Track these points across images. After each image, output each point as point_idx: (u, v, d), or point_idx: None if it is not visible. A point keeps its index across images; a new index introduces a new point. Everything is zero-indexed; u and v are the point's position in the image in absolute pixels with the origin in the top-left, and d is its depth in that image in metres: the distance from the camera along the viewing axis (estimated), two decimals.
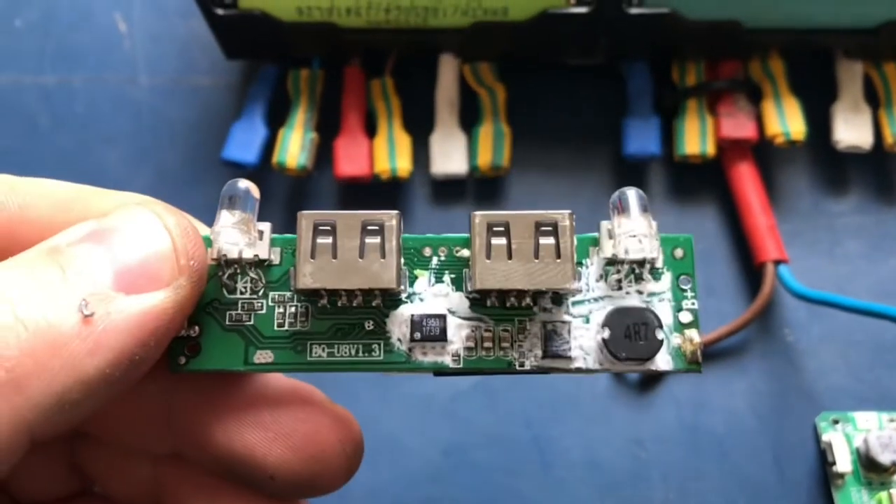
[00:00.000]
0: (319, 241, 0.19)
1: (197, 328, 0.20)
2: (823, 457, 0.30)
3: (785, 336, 0.32)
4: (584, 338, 0.19)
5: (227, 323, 0.20)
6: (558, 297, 0.19)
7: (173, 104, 0.38)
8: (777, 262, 0.32)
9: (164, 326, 0.18)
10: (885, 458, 0.28)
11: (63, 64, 0.39)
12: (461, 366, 0.19)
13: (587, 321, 0.19)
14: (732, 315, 0.32)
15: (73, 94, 0.38)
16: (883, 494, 0.28)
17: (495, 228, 0.19)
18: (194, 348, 0.20)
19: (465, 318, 0.19)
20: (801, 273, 0.32)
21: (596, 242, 0.19)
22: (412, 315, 0.19)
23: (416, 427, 0.31)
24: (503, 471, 0.31)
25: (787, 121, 0.33)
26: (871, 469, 0.29)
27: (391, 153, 0.34)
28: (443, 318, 0.19)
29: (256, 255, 0.19)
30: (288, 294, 0.19)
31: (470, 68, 0.35)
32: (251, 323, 0.19)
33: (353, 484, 0.30)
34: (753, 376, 0.31)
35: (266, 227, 0.19)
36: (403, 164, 0.34)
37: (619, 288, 0.19)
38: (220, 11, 0.33)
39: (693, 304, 0.19)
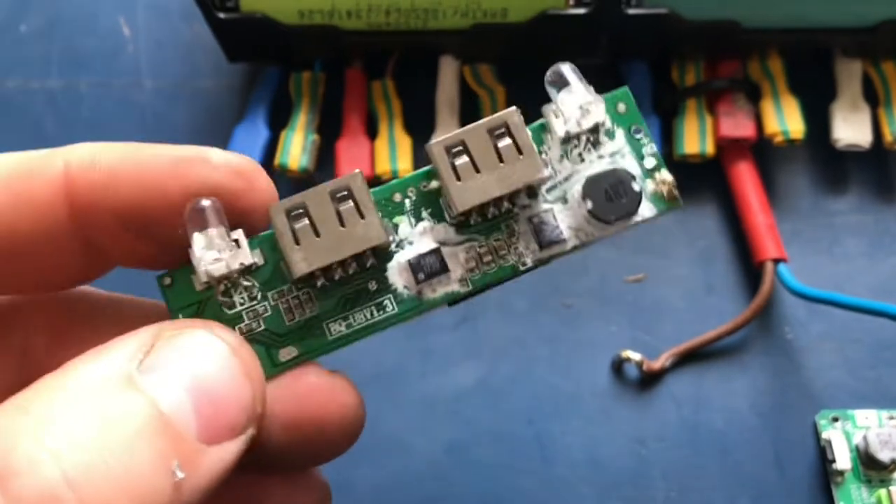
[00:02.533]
0: (297, 225, 0.19)
1: None
2: (823, 454, 0.30)
3: (785, 334, 0.32)
4: (570, 217, 0.19)
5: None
6: (533, 191, 0.19)
7: (177, 107, 0.38)
8: (776, 261, 0.32)
9: (231, 473, 0.17)
10: (884, 455, 0.28)
11: (68, 68, 0.39)
12: (471, 288, 0.19)
13: (565, 202, 0.19)
14: (732, 313, 0.32)
15: (79, 98, 0.38)
16: (882, 492, 0.28)
17: (454, 150, 0.19)
18: None
19: (456, 244, 0.19)
20: (801, 271, 0.32)
21: (545, 128, 0.20)
22: (408, 260, 0.19)
23: (418, 425, 0.32)
24: (505, 468, 0.31)
25: (785, 120, 0.33)
26: (870, 466, 0.29)
27: (392, 155, 0.34)
28: (437, 251, 0.19)
29: (242, 263, 0.19)
30: (285, 288, 0.19)
31: (470, 70, 0.35)
32: (262, 328, 0.19)
33: (356, 482, 0.31)
34: (753, 374, 0.32)
35: (239, 233, 0.19)
36: (404, 165, 0.34)
37: (582, 160, 0.20)
38: (221, 15, 0.33)
39: (652, 148, 0.20)
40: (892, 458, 0.28)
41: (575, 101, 0.19)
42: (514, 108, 0.19)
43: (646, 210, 0.19)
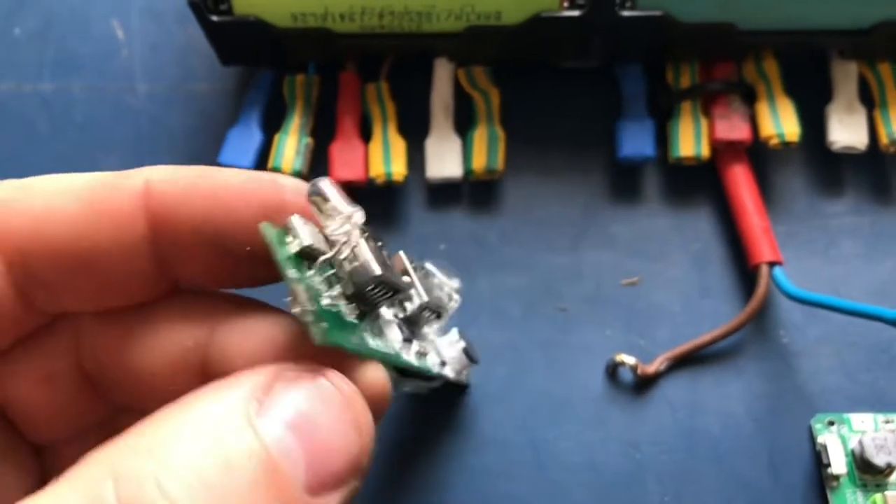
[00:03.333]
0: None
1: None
2: (818, 458, 0.29)
3: (780, 338, 0.32)
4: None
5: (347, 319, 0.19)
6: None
7: (171, 111, 0.38)
8: (772, 264, 0.31)
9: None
10: (879, 459, 0.28)
11: (62, 72, 0.39)
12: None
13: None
14: (727, 317, 0.32)
15: (72, 101, 0.38)
16: (878, 496, 0.28)
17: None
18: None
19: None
20: (797, 274, 0.32)
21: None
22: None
23: (412, 433, 0.31)
24: (499, 474, 0.31)
25: (781, 122, 0.33)
26: (865, 471, 0.29)
27: (386, 157, 0.34)
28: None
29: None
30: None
31: (464, 72, 0.35)
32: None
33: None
34: (749, 378, 0.31)
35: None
36: (398, 168, 0.34)
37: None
38: (214, 18, 0.33)
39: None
40: (888, 462, 0.28)
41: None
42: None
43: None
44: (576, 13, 0.32)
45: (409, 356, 0.22)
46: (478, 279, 0.33)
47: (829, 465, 0.29)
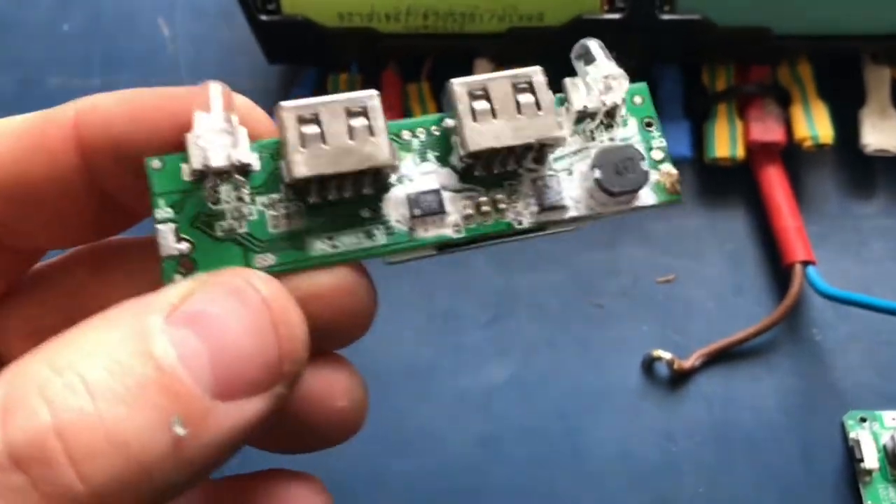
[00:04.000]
0: (305, 129, 0.18)
1: (186, 244, 0.19)
2: (851, 454, 0.30)
3: (813, 335, 0.33)
4: (573, 189, 0.20)
5: (219, 234, 0.19)
6: (541, 156, 0.20)
7: None
8: (805, 263, 0.32)
9: (256, 432, 0.16)
10: None
11: (109, 67, 0.40)
12: (463, 235, 0.19)
13: (570, 174, 0.20)
14: (761, 315, 0.33)
15: None
16: None
17: (475, 93, 0.19)
18: (189, 265, 0.19)
19: (456, 191, 0.20)
20: (829, 274, 0.32)
21: (562, 102, 0.20)
22: (407, 194, 0.19)
23: (451, 420, 0.32)
24: (537, 462, 0.32)
25: (815, 125, 0.34)
26: None
27: None
28: (437, 191, 0.19)
29: (240, 160, 0.18)
30: (276, 196, 0.19)
31: None
32: (244, 230, 0.19)
33: (390, 474, 0.31)
34: (782, 374, 0.32)
35: (243, 132, 0.18)
36: None
37: (593, 138, 0.20)
38: (263, 17, 0.34)
39: (662, 142, 0.20)
40: None
41: (600, 74, 0.20)
42: (538, 66, 0.20)
43: (648, 197, 0.20)
44: (616, 16, 0.33)
45: (441, 230, 0.20)
46: (516, 275, 0.34)
47: (861, 460, 0.29)
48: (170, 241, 0.19)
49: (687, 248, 0.34)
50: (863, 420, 0.31)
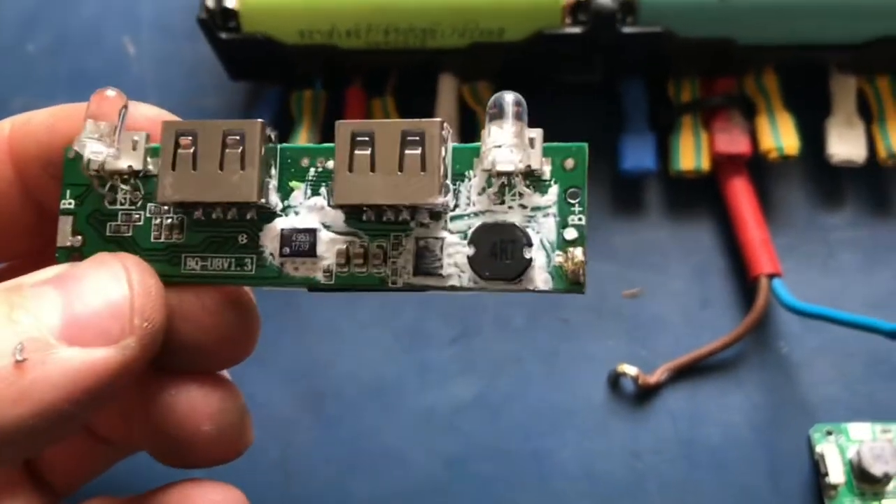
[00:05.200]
0: (181, 151, 0.18)
1: (80, 238, 0.20)
2: (817, 468, 0.30)
3: (780, 349, 0.32)
4: (460, 255, 0.18)
5: (108, 234, 0.20)
6: (436, 213, 0.18)
7: None
8: (771, 276, 0.32)
9: (103, 385, 0.17)
10: (877, 469, 0.29)
11: (75, 87, 0.40)
12: (332, 282, 0.19)
13: (465, 237, 0.18)
14: (728, 328, 0.32)
15: None
16: None
17: (359, 138, 0.18)
18: (78, 258, 0.19)
19: (339, 233, 0.19)
20: (796, 286, 0.32)
21: (477, 153, 0.18)
22: (282, 229, 0.19)
23: (417, 440, 0.32)
24: (503, 482, 0.31)
25: (780, 136, 0.33)
26: (863, 480, 0.29)
27: None
28: (313, 232, 0.19)
29: (130, 166, 0.19)
30: (164, 206, 0.19)
31: (468, 87, 0.36)
32: (129, 234, 0.19)
33: (353, 495, 0.31)
34: (749, 389, 0.32)
35: (141, 136, 0.19)
36: None
37: (502, 202, 0.18)
38: (223, 35, 0.34)
39: (580, 219, 0.18)
40: (885, 471, 0.29)
41: (496, 140, 0.18)
42: (440, 119, 0.18)
43: (540, 281, 0.18)
44: (577, 30, 0.33)
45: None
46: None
47: (826, 474, 0.29)
48: (66, 232, 0.20)
49: (653, 262, 0.34)
50: (829, 433, 0.30)
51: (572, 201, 0.18)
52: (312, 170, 0.19)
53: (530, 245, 0.18)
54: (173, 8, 0.41)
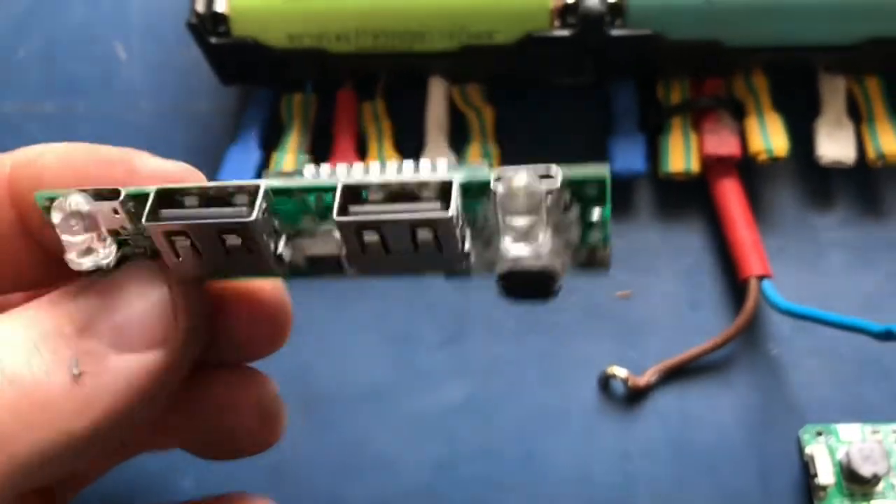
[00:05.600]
0: (181, 246, 0.18)
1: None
2: (807, 469, 0.30)
3: (769, 350, 0.32)
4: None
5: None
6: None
7: (173, 129, 0.39)
8: (761, 278, 0.32)
9: (157, 386, 0.18)
10: (866, 470, 0.29)
11: (66, 92, 0.40)
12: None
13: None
14: (718, 329, 0.32)
15: (76, 120, 0.39)
16: None
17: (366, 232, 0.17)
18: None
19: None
20: (786, 287, 0.32)
21: (487, 188, 0.17)
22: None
23: (407, 443, 0.32)
24: (494, 485, 0.31)
25: (769, 137, 0.34)
26: (853, 481, 0.29)
27: None
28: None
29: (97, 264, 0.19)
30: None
31: (459, 90, 0.36)
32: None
33: (345, 500, 0.31)
34: (738, 390, 0.32)
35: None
36: None
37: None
38: (213, 40, 0.34)
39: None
40: (874, 472, 0.29)
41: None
42: (451, 216, 0.17)
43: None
44: (566, 33, 0.33)
45: None
46: (471, 292, 0.34)
47: (816, 475, 0.29)
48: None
49: (642, 264, 0.34)
50: (819, 434, 0.30)
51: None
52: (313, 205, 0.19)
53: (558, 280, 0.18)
54: (164, 13, 0.41)
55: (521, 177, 0.17)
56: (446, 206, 0.17)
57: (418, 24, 0.33)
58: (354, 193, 0.17)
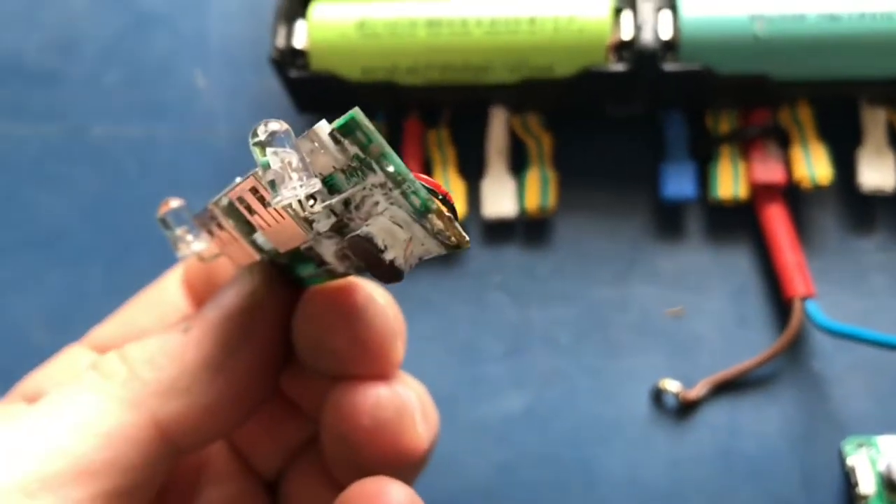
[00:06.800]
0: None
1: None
2: (848, 479, 0.32)
3: (813, 366, 0.34)
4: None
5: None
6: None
7: (248, 152, 0.41)
8: (805, 298, 0.34)
9: (250, 312, 0.23)
10: None
11: (149, 117, 0.43)
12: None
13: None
14: (764, 346, 0.34)
15: (159, 144, 0.42)
16: None
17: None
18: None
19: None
20: (829, 307, 0.34)
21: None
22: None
23: (471, 447, 0.34)
24: (550, 488, 0.34)
25: (813, 165, 0.35)
26: (893, 491, 0.31)
27: None
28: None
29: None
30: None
31: (519, 119, 0.38)
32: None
33: None
34: (783, 403, 0.34)
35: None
36: (459, 206, 0.37)
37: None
38: (293, 74, 0.36)
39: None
40: None
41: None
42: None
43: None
44: (621, 67, 0.35)
45: None
46: (530, 309, 0.36)
47: (857, 485, 0.31)
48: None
49: (693, 284, 0.36)
50: (860, 446, 0.32)
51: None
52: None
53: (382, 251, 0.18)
54: (241, 42, 0.44)
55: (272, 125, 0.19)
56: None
57: (482, 60, 0.36)
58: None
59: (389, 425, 0.23)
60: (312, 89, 0.37)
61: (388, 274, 0.18)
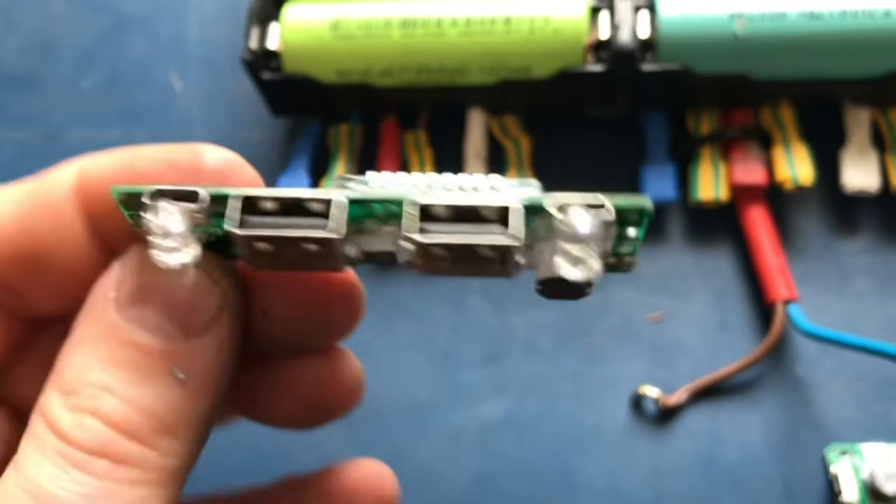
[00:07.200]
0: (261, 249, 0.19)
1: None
2: (831, 487, 0.31)
3: (796, 371, 0.34)
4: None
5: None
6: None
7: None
8: (787, 301, 0.33)
9: (234, 349, 0.21)
10: (889, 488, 0.30)
11: (126, 121, 0.42)
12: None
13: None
14: (746, 351, 0.34)
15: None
16: None
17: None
18: None
19: None
20: (812, 311, 0.33)
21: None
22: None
23: (448, 456, 0.34)
24: (530, 498, 0.33)
25: (795, 166, 0.35)
26: (876, 499, 0.30)
27: None
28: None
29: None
30: None
31: (497, 121, 0.38)
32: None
33: None
34: (765, 409, 0.33)
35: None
36: None
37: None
38: (266, 75, 0.36)
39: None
40: None
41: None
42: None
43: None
44: (600, 68, 0.34)
45: None
46: (511, 315, 0.36)
47: (840, 493, 0.30)
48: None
49: (674, 288, 0.36)
50: (843, 453, 0.32)
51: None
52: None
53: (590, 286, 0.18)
54: (218, 46, 0.43)
55: (583, 222, 0.18)
56: (507, 228, 0.18)
57: (458, 62, 0.35)
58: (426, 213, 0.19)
59: (360, 388, 0.27)
60: (286, 92, 0.37)
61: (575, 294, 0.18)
